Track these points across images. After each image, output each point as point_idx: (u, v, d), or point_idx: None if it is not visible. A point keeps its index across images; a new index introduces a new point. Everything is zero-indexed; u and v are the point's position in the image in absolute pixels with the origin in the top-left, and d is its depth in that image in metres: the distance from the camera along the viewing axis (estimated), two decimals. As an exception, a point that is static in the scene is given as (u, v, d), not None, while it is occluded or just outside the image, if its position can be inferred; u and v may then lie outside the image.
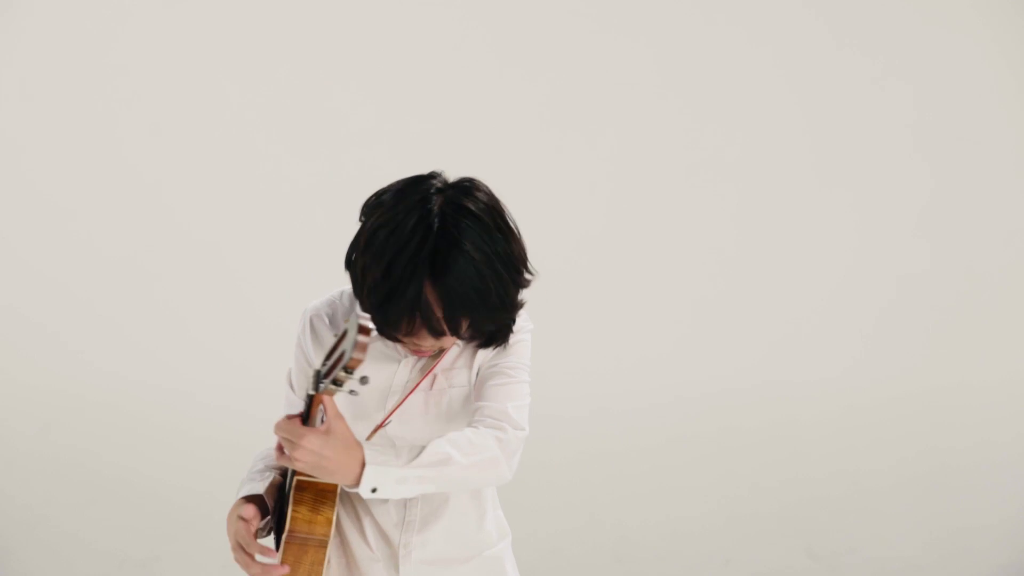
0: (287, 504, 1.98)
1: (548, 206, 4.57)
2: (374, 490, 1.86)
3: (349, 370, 1.71)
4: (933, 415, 4.57)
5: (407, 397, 2.06)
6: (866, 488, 4.41)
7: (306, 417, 1.84)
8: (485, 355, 2.06)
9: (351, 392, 1.78)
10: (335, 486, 1.93)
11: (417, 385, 2.06)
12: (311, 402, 1.83)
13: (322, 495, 1.92)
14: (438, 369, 2.07)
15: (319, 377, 1.80)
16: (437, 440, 1.91)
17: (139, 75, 4.63)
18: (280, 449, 1.89)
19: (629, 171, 4.68)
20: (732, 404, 4.58)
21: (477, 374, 2.07)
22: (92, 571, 4.08)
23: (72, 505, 4.30)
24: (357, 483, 1.85)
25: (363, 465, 1.84)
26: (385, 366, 2.06)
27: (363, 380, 1.77)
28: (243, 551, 1.96)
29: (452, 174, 1.99)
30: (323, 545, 1.93)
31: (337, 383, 1.74)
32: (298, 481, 1.93)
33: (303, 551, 1.93)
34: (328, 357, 1.79)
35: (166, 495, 4.31)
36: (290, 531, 1.92)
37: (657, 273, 4.66)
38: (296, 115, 4.56)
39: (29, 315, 4.56)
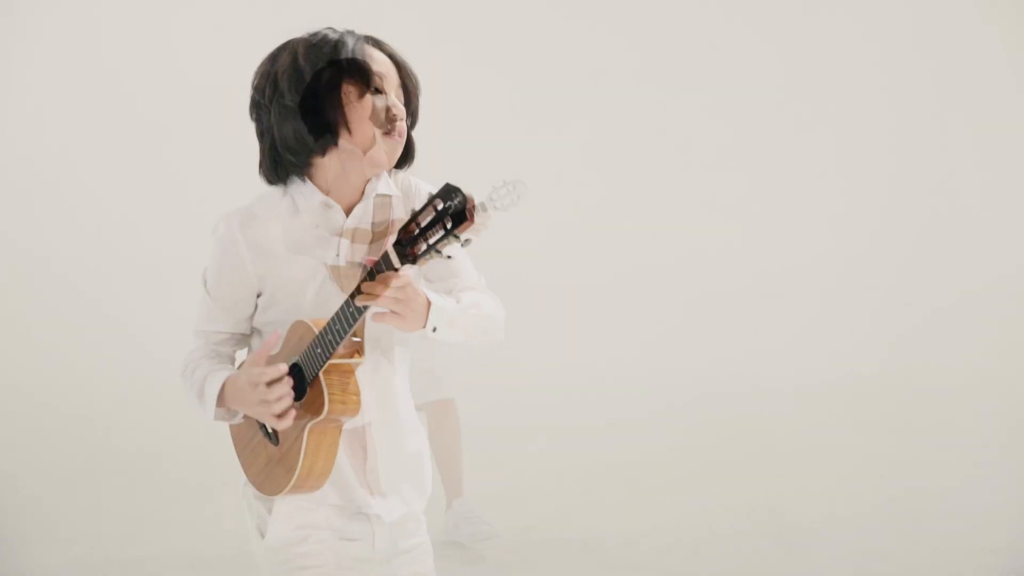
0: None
1: (550, 196, 4.71)
2: (435, 329, 1.99)
3: (458, 236, 1.77)
4: None
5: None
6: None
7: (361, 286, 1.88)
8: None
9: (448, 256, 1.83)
10: (353, 367, 2.02)
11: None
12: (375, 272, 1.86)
13: (346, 376, 2.02)
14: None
15: (406, 248, 1.82)
16: (461, 291, 2.06)
17: (155, 64, 4.87)
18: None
19: (618, 161, 4.76)
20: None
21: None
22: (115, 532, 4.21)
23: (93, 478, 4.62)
24: (424, 322, 1.98)
25: (428, 304, 1.98)
26: (325, 247, 2.10)
27: (466, 243, 1.82)
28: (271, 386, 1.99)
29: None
30: (340, 428, 2.04)
31: (437, 251, 1.79)
32: (327, 366, 1.99)
33: (324, 432, 2.02)
34: (422, 232, 1.80)
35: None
36: (328, 413, 2.00)
37: (659, 271, 4.75)
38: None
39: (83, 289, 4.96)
